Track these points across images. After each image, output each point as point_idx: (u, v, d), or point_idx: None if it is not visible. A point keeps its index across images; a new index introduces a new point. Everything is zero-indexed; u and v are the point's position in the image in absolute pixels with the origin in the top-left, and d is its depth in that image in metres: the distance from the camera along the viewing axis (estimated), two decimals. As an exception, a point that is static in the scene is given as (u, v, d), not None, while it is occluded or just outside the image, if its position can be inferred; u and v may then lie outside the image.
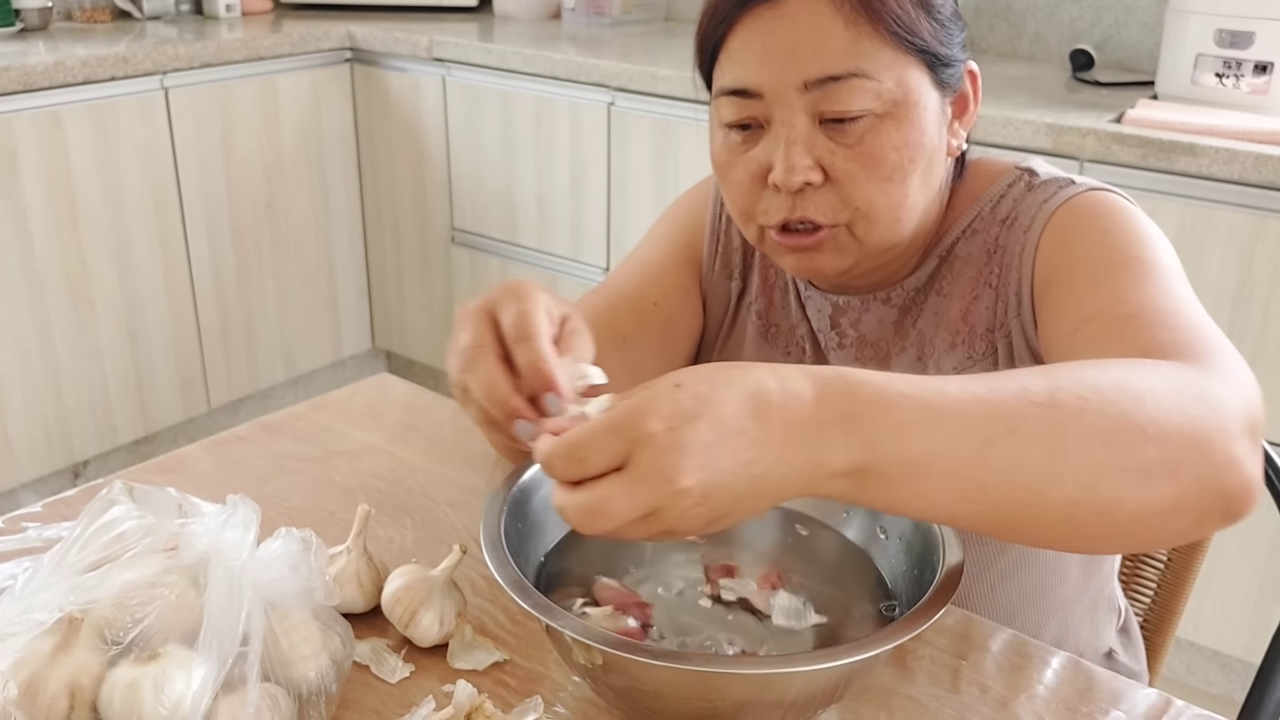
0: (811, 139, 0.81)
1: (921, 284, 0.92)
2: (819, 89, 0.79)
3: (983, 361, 0.89)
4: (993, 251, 0.89)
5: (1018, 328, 0.86)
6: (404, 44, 2.64)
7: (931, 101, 0.83)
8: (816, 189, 0.82)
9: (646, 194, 2.39)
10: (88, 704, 0.62)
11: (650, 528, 0.55)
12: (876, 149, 0.80)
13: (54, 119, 2.27)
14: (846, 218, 0.83)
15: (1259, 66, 1.90)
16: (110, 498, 0.68)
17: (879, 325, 0.94)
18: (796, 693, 0.63)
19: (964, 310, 0.90)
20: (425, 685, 0.73)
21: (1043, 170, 0.90)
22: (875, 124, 0.80)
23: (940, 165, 0.86)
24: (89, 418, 2.47)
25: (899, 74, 0.80)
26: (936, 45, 0.82)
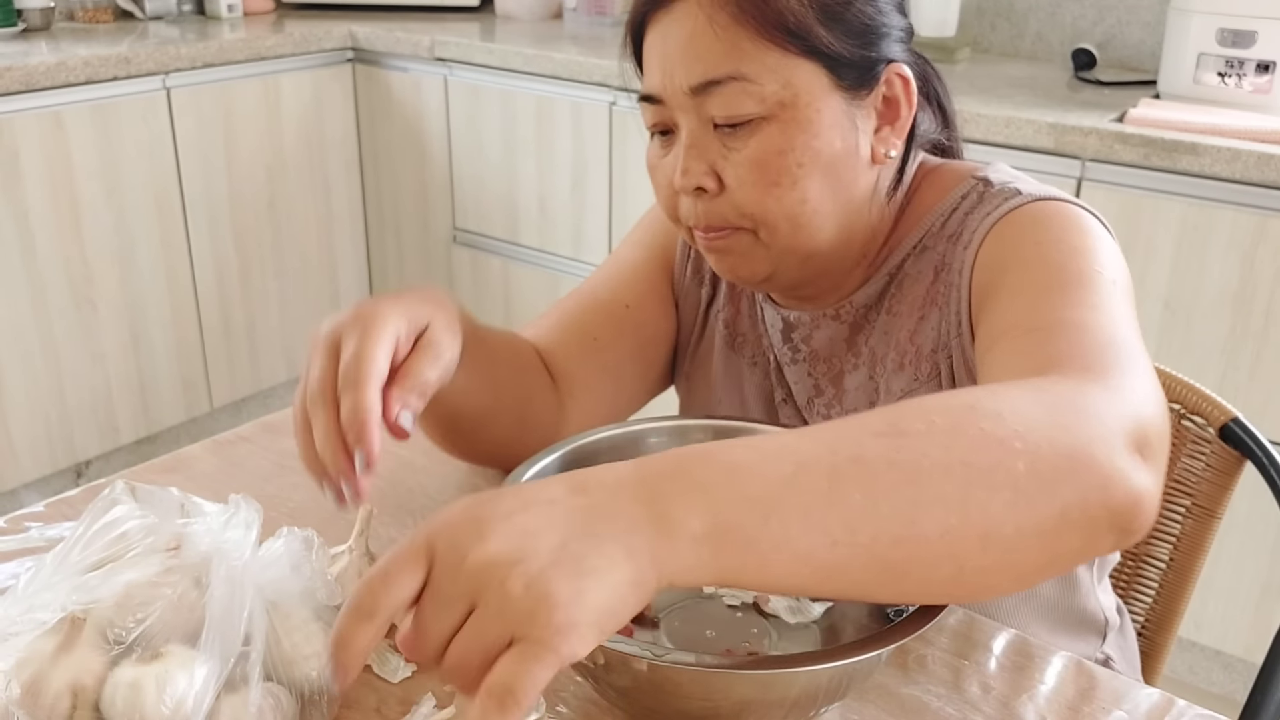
0: (704, 144, 0.81)
1: (871, 301, 0.90)
2: (704, 94, 0.79)
3: (928, 383, 0.86)
4: (940, 269, 0.86)
5: (958, 348, 0.84)
6: (406, 44, 2.64)
7: (831, 104, 0.80)
8: (713, 197, 0.82)
9: (648, 194, 2.37)
10: (90, 704, 0.62)
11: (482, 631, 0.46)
12: (761, 153, 0.79)
13: (56, 119, 2.27)
14: (748, 223, 0.82)
15: (1261, 66, 1.90)
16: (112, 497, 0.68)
17: (831, 342, 0.93)
18: (798, 692, 0.63)
19: (911, 330, 0.87)
20: (427, 684, 0.73)
21: (997, 177, 0.86)
22: (761, 127, 0.79)
23: (851, 173, 0.82)
24: (91, 418, 2.47)
25: (786, 76, 0.78)
26: (833, 46, 0.79)
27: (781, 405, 0.98)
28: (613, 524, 0.48)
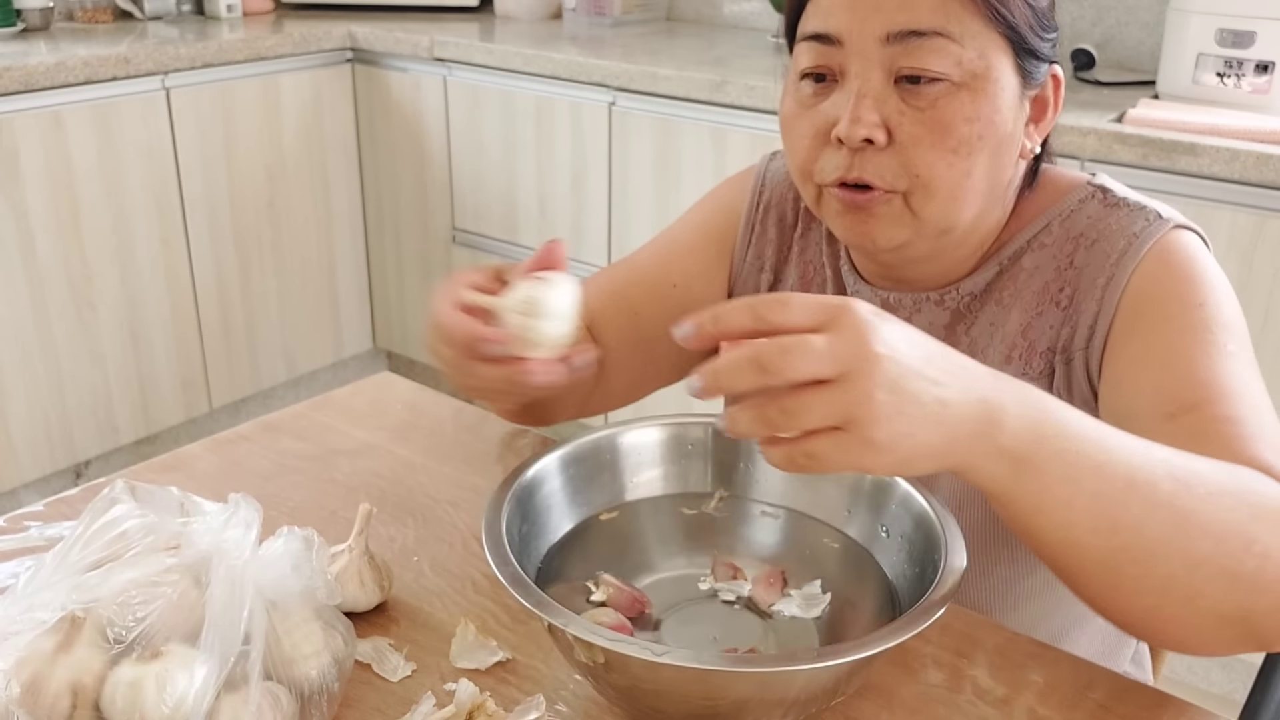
0: (883, 95, 0.78)
1: (979, 290, 0.89)
2: (900, 43, 0.77)
3: (1037, 381, 0.86)
4: (1065, 269, 0.86)
5: (1081, 360, 0.84)
6: (405, 44, 2.64)
7: (1010, 86, 0.80)
8: (878, 151, 0.79)
9: (647, 194, 2.39)
10: (90, 703, 0.62)
11: (833, 401, 0.54)
12: (948, 116, 0.78)
13: (55, 119, 2.27)
14: (905, 185, 0.80)
15: (1260, 66, 1.90)
16: (112, 497, 0.68)
17: (929, 327, 0.91)
18: (798, 691, 0.63)
19: (1025, 325, 0.87)
20: (427, 684, 0.73)
21: (1116, 188, 0.88)
22: (950, 91, 0.78)
23: (1010, 157, 0.83)
24: (91, 418, 2.47)
25: (983, 46, 0.78)
26: (1026, 31, 0.79)
27: None
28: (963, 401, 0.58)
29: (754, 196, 1.02)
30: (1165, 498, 0.63)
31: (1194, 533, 0.63)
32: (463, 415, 1.09)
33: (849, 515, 0.81)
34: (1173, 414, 0.75)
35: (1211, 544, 0.63)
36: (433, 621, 0.79)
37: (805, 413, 0.54)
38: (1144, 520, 0.62)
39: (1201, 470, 0.65)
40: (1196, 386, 0.76)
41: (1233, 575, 0.63)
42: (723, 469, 0.85)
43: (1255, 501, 0.65)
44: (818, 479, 0.82)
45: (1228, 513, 0.64)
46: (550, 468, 0.80)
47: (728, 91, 2.16)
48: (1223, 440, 0.72)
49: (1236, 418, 0.73)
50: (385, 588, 0.80)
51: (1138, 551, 0.63)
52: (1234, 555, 0.63)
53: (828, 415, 0.54)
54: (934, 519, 0.73)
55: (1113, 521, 0.62)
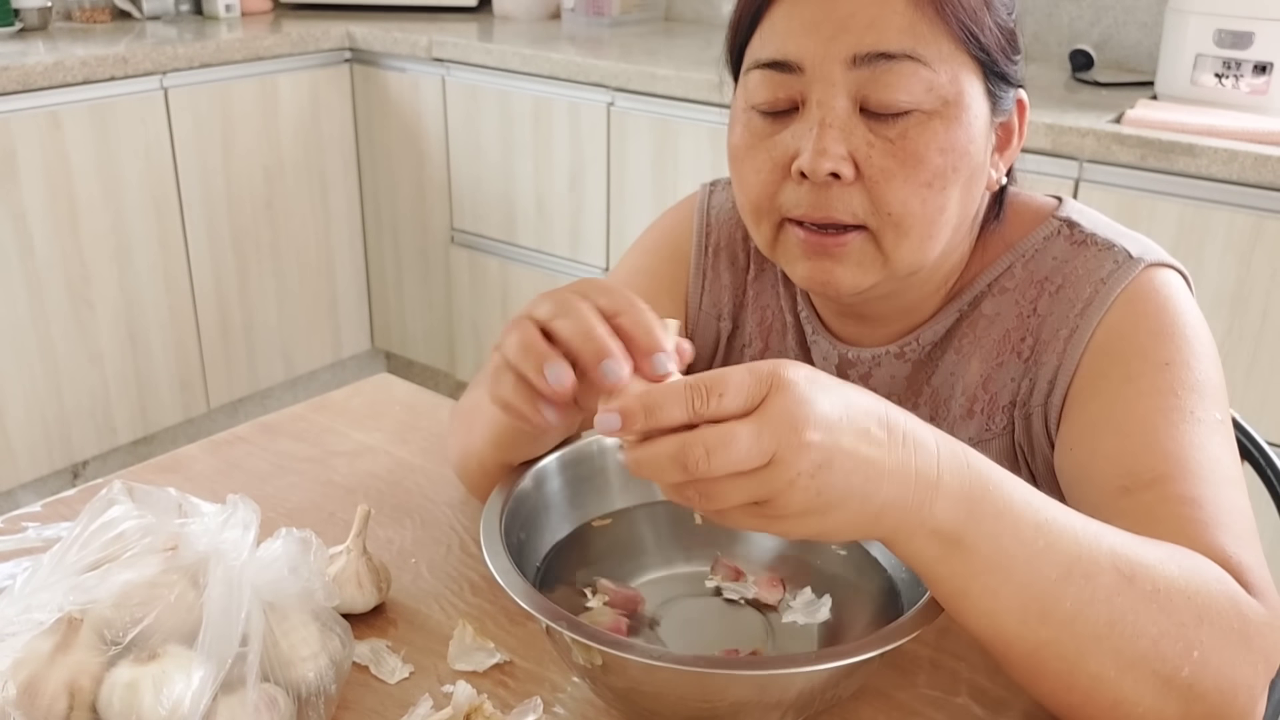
0: (849, 125, 0.73)
1: (938, 338, 0.85)
2: (867, 68, 0.71)
3: (1001, 438, 0.83)
4: (1027, 316, 0.81)
5: (1040, 416, 0.80)
6: (403, 44, 2.64)
7: (982, 113, 0.75)
8: (845, 186, 0.73)
9: (646, 194, 2.38)
10: (87, 704, 0.62)
11: (758, 484, 0.52)
12: (920, 147, 0.72)
13: (53, 119, 2.27)
14: (875, 223, 0.74)
15: (1258, 67, 1.91)
16: (110, 498, 0.68)
17: (891, 380, 0.87)
18: (795, 694, 0.63)
19: (985, 376, 0.82)
20: (424, 686, 0.73)
21: (1085, 220, 0.82)
22: (922, 120, 0.72)
23: (979, 190, 0.78)
24: (88, 418, 2.47)
25: (954, 71, 0.73)
26: (998, 54, 0.75)
27: None
28: (892, 483, 0.55)
29: (700, 238, 0.95)
30: (1104, 593, 0.59)
31: (1129, 633, 0.59)
32: (461, 416, 1.09)
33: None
34: (1128, 488, 0.70)
35: (1147, 645, 0.59)
36: (430, 623, 0.79)
37: (725, 497, 0.53)
38: (1076, 616, 0.58)
39: (1153, 563, 0.61)
40: (1155, 459, 0.70)
41: (1166, 681, 0.60)
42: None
43: (1203, 603, 0.61)
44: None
45: (1172, 613, 0.60)
46: (549, 470, 0.79)
47: (726, 92, 2.16)
48: (1179, 523, 0.67)
49: (1195, 498, 0.68)
50: (383, 589, 0.79)
51: (1065, 647, 0.59)
52: (1170, 661, 0.59)
53: (747, 496, 0.53)
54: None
55: (1041, 614, 0.58)
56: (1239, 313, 1.75)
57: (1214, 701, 0.61)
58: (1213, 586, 0.62)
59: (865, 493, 0.54)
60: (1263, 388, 1.77)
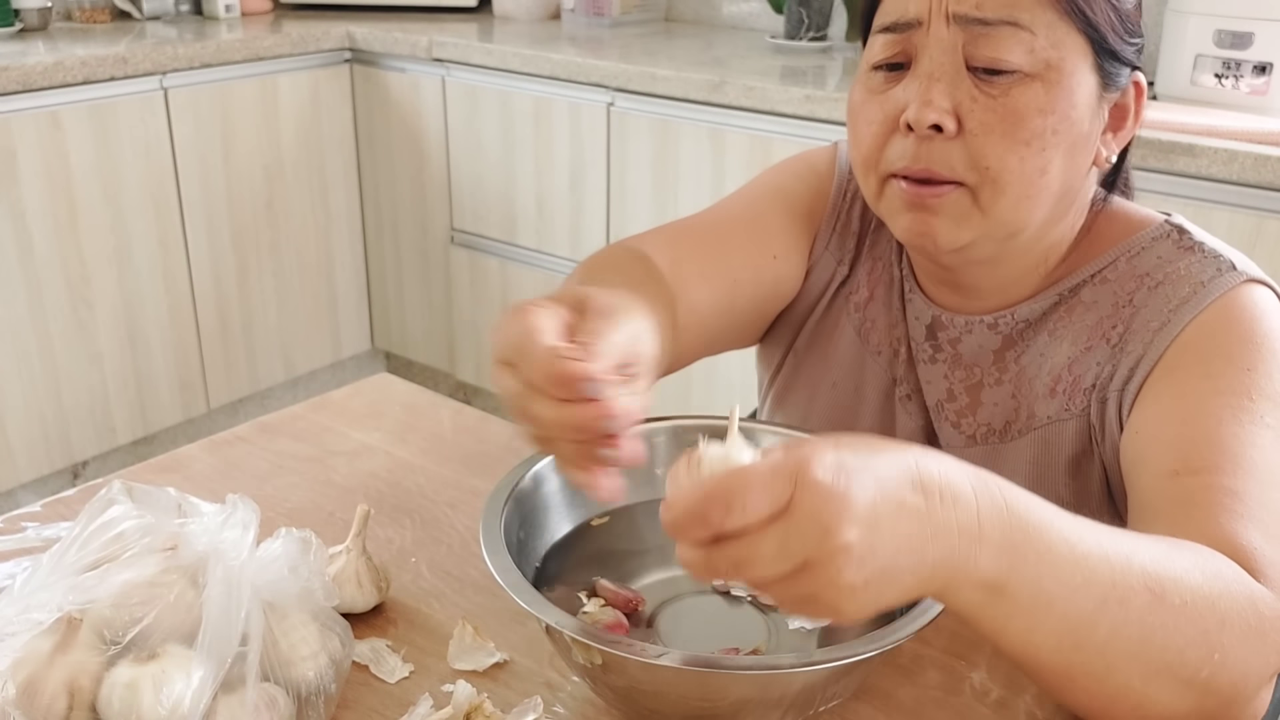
0: (955, 81, 0.76)
1: (1034, 317, 0.86)
2: (970, 28, 0.75)
3: (1078, 419, 0.84)
4: (1123, 306, 0.82)
5: (1115, 400, 0.81)
6: (404, 44, 2.64)
7: (1087, 84, 0.77)
8: (947, 140, 0.76)
9: (646, 195, 2.38)
10: (87, 704, 0.62)
11: (798, 586, 0.52)
12: (1021, 105, 0.75)
13: (53, 119, 2.27)
14: (973, 179, 0.77)
15: (1258, 67, 1.90)
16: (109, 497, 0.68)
17: (979, 350, 0.89)
18: (796, 692, 0.63)
19: (1072, 359, 0.84)
20: (424, 685, 0.73)
21: (1194, 230, 0.85)
22: (1023, 81, 0.75)
23: (1084, 161, 0.80)
24: (88, 418, 2.47)
25: (1058, 38, 0.75)
26: (1107, 30, 0.77)
27: (904, 401, 0.94)
28: (937, 545, 0.54)
29: (841, 182, 0.98)
30: (1136, 614, 0.60)
31: (1157, 647, 0.61)
32: (461, 416, 1.09)
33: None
34: (1177, 472, 0.72)
35: (1173, 655, 0.61)
36: (430, 623, 0.79)
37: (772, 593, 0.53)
38: (1109, 640, 0.60)
39: (1180, 575, 0.62)
40: (1211, 450, 0.72)
41: (1186, 683, 0.62)
42: (721, 470, 0.85)
43: (1225, 607, 0.62)
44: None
45: (1197, 622, 0.61)
46: (549, 469, 0.79)
47: (726, 92, 2.16)
48: (1213, 511, 0.68)
49: (1238, 491, 0.69)
50: (383, 589, 0.79)
51: (1096, 666, 0.61)
52: (1191, 665, 0.62)
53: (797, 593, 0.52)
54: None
55: (1076, 642, 0.60)
56: None
57: (1226, 695, 0.63)
58: (1234, 589, 0.63)
59: (913, 565, 0.54)
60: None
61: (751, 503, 0.50)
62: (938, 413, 0.91)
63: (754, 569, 0.51)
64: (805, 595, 0.52)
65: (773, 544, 0.50)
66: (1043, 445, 0.86)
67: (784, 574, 0.51)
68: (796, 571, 0.51)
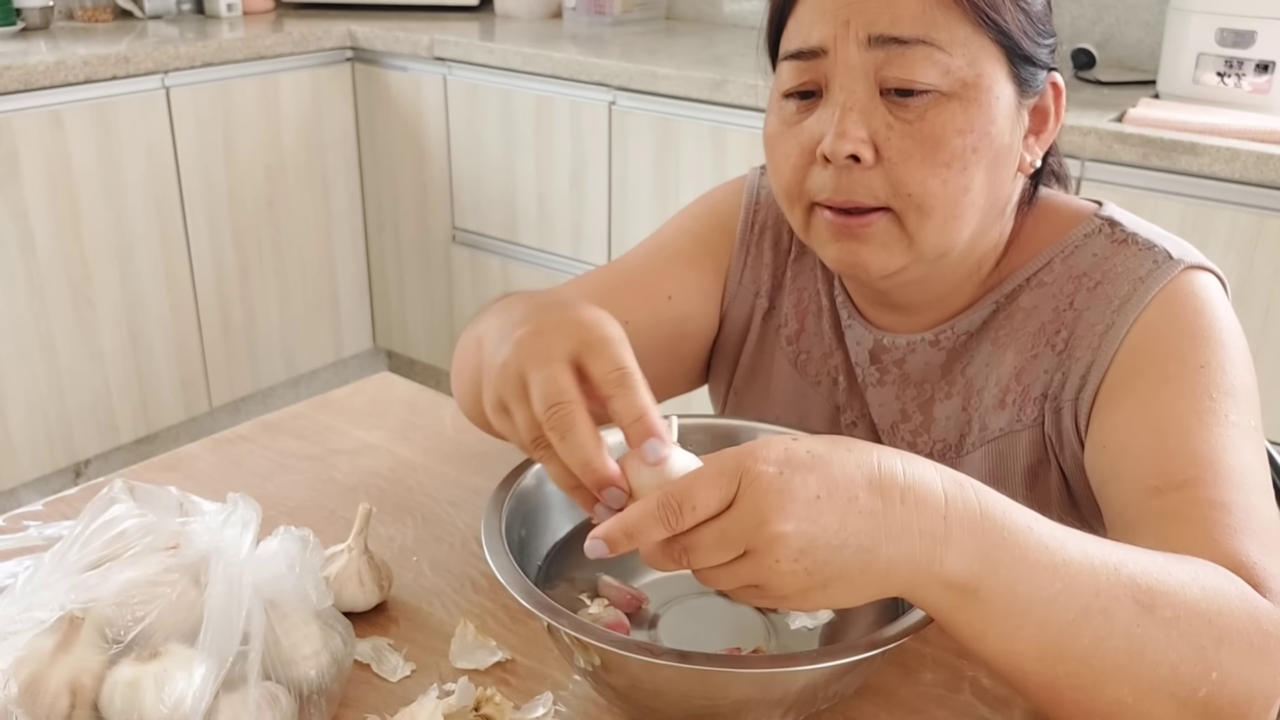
0: (869, 109, 0.74)
1: (975, 328, 0.85)
2: (882, 50, 0.73)
3: (1031, 429, 0.83)
4: (1064, 309, 0.81)
5: (1070, 411, 0.80)
6: (405, 43, 2.64)
7: (1005, 95, 0.76)
8: (866, 169, 0.75)
9: (648, 193, 2.38)
10: (89, 702, 0.62)
11: (741, 574, 0.54)
12: (938, 128, 0.74)
13: (55, 118, 2.27)
14: (898, 204, 0.75)
15: (1260, 66, 1.90)
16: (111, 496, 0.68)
17: (925, 367, 0.87)
18: (797, 691, 0.63)
19: (1019, 368, 0.83)
20: (426, 684, 0.73)
21: (1126, 220, 0.83)
22: (940, 102, 0.74)
23: (1008, 172, 0.79)
24: (90, 417, 2.47)
25: (973, 54, 0.74)
26: (1020, 36, 0.76)
27: (850, 428, 0.93)
28: (893, 545, 0.55)
29: (748, 215, 0.98)
30: (1122, 625, 0.58)
31: (1149, 660, 0.59)
32: (462, 415, 1.09)
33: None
34: (1159, 489, 0.70)
35: (1166, 671, 0.59)
36: (432, 621, 0.79)
37: (719, 581, 0.55)
38: (1094, 650, 0.58)
39: (1173, 588, 0.60)
40: (1188, 462, 0.70)
41: (1184, 703, 0.60)
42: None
43: (1224, 624, 0.61)
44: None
45: (1192, 639, 0.59)
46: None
47: (728, 91, 2.16)
48: (1206, 526, 0.67)
49: (1225, 503, 0.68)
50: (384, 587, 0.79)
51: (1084, 679, 0.59)
52: (1188, 683, 0.60)
53: (740, 580, 0.55)
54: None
55: (1059, 652, 0.58)
56: (1241, 312, 1.73)
57: (1228, 715, 0.61)
58: (1234, 605, 0.62)
59: (863, 562, 0.54)
60: (1265, 387, 1.76)
61: (701, 501, 0.53)
62: (891, 434, 0.90)
63: (698, 557, 0.54)
64: (750, 582, 0.54)
65: (713, 534, 0.53)
66: (997, 458, 0.85)
67: (725, 562, 0.54)
68: (738, 560, 0.54)
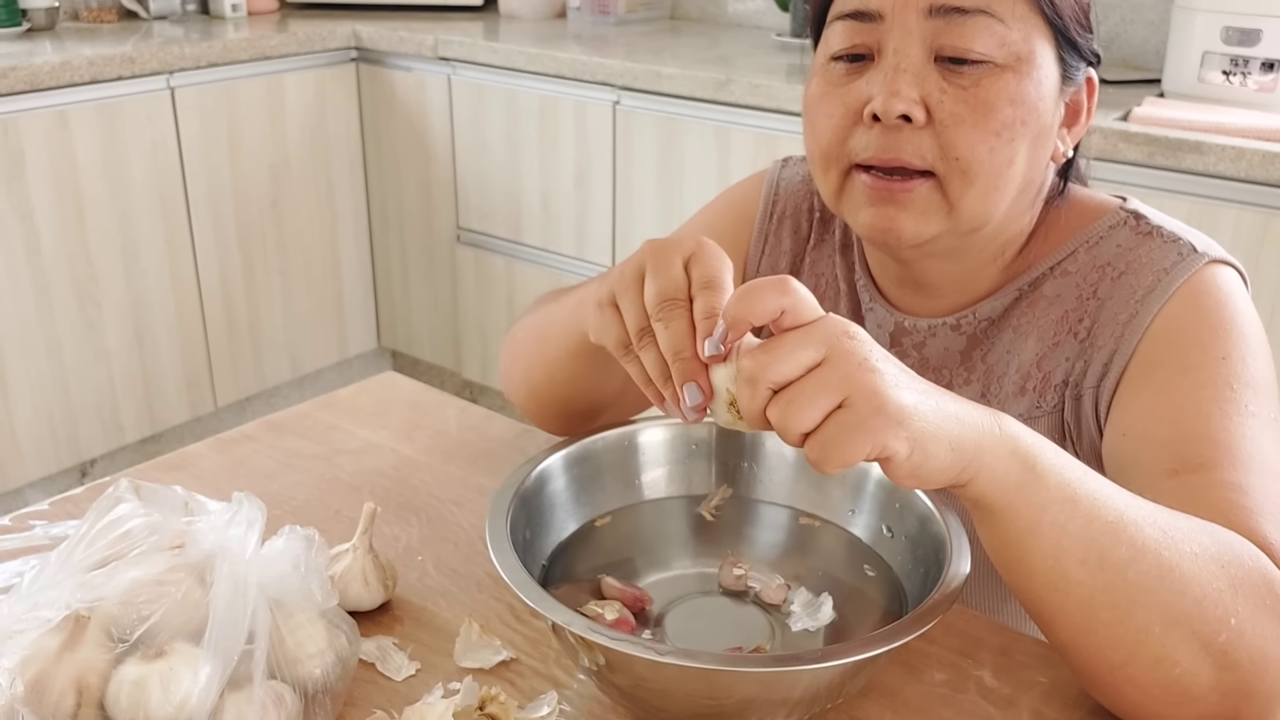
0: (923, 72, 0.75)
1: (997, 314, 0.86)
2: (943, 19, 0.74)
3: (1051, 415, 0.83)
4: (1087, 298, 0.82)
5: (1090, 398, 0.81)
6: (409, 43, 2.64)
7: (1052, 75, 0.77)
8: (915, 130, 0.75)
9: (652, 193, 2.38)
10: (94, 701, 0.62)
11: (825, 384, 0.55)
12: (992, 95, 0.74)
13: (60, 119, 2.27)
14: (943, 169, 0.76)
15: (1266, 64, 1.90)
16: (117, 496, 0.68)
17: (945, 352, 0.88)
18: (802, 690, 0.63)
19: (1040, 355, 0.84)
20: (431, 683, 0.73)
21: (1151, 214, 0.84)
22: (994, 72, 0.75)
23: (1046, 153, 0.80)
24: (96, 417, 2.47)
25: (1028, 30, 0.75)
26: (1070, 21, 0.77)
27: None
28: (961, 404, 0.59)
29: (767, 205, 0.99)
30: (1152, 544, 0.61)
31: (1175, 587, 0.61)
32: (467, 414, 1.09)
33: (852, 515, 0.81)
34: (1176, 471, 0.72)
35: (1190, 605, 0.61)
36: (437, 621, 0.79)
37: (806, 404, 0.55)
38: (1130, 561, 0.60)
39: (1187, 529, 0.63)
40: (1206, 446, 0.72)
41: (1204, 645, 0.61)
42: (727, 469, 0.85)
43: (1237, 574, 0.62)
44: (821, 478, 0.82)
45: (1209, 579, 0.61)
46: (555, 467, 0.80)
47: (732, 90, 2.16)
48: (1222, 507, 0.68)
49: (1242, 485, 0.69)
50: (389, 587, 0.80)
51: (1119, 594, 0.61)
52: (1209, 623, 0.61)
53: (823, 397, 0.55)
54: (938, 519, 0.73)
55: (1100, 555, 0.60)
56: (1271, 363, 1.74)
57: (1245, 672, 0.62)
58: (1246, 561, 0.64)
59: (938, 399, 0.57)
60: (1270, 386, 1.76)
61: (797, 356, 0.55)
62: None
63: (780, 349, 0.55)
64: (836, 391, 0.55)
65: (793, 335, 0.56)
66: None
67: (806, 366, 0.55)
68: (819, 365, 0.55)
